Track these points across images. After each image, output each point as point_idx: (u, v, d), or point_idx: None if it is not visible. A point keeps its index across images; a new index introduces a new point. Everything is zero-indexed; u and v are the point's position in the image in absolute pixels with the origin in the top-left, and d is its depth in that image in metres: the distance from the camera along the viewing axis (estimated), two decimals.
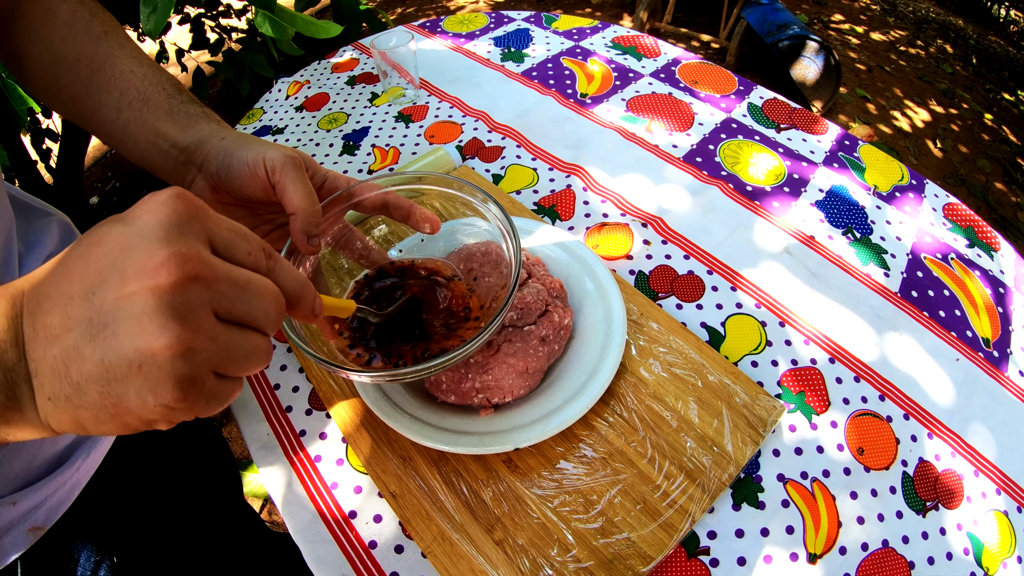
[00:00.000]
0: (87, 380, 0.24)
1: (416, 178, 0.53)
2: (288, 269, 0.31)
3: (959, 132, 2.65)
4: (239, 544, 0.74)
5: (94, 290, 0.24)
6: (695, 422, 0.53)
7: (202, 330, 0.24)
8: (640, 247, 0.71)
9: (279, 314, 0.28)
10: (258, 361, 0.27)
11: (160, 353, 0.23)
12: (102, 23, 0.48)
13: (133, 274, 0.24)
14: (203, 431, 0.74)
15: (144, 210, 0.26)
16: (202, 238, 0.26)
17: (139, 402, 0.24)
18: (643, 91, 0.96)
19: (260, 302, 0.27)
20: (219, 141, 0.45)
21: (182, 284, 0.24)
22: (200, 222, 0.26)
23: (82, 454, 0.47)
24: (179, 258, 0.24)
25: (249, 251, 0.28)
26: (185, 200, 0.26)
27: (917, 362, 0.62)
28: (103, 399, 0.24)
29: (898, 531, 0.51)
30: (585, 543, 0.47)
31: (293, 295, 0.31)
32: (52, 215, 0.50)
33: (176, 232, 0.25)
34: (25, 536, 0.43)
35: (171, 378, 0.24)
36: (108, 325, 0.23)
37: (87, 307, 0.24)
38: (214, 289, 0.25)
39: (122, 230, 0.25)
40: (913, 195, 0.81)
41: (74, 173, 1.76)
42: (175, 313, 0.23)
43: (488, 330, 0.43)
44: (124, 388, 0.24)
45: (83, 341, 0.23)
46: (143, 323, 0.23)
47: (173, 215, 0.25)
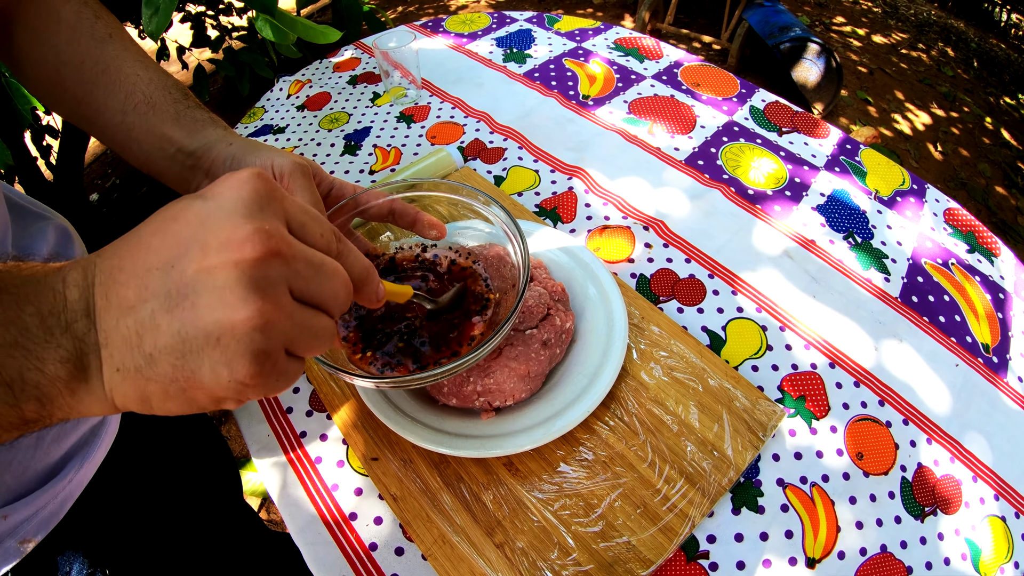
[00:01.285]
0: (161, 352, 0.24)
1: (423, 185, 0.53)
2: (356, 254, 0.31)
3: (960, 136, 2.65)
4: (238, 544, 0.74)
5: (173, 262, 0.24)
6: (696, 426, 0.53)
7: (280, 306, 0.25)
8: (641, 250, 0.71)
9: (348, 296, 0.29)
10: (326, 341, 0.28)
11: (240, 326, 0.23)
12: (106, 25, 0.48)
13: (216, 247, 0.24)
14: (201, 429, 0.74)
15: (225, 187, 0.26)
16: (280, 217, 0.27)
17: (213, 377, 0.24)
18: (645, 93, 0.96)
19: (331, 284, 0.28)
20: (227, 147, 0.45)
21: (264, 259, 0.24)
22: (279, 202, 0.27)
23: (75, 465, 0.46)
24: (262, 234, 0.24)
25: (322, 233, 0.29)
26: (265, 179, 0.27)
27: (917, 367, 0.62)
28: (176, 372, 0.24)
29: (896, 536, 0.51)
30: (585, 546, 0.47)
31: (359, 279, 0.31)
32: (49, 219, 0.49)
33: (258, 209, 0.25)
34: (16, 549, 0.42)
35: (248, 352, 0.24)
36: (187, 297, 0.24)
37: (165, 279, 0.24)
38: (292, 267, 0.26)
39: (202, 205, 0.25)
40: (914, 200, 0.81)
41: (74, 170, 1.76)
42: (257, 287, 0.24)
43: (499, 335, 0.43)
44: (199, 362, 0.24)
45: (160, 312, 0.24)
46: (225, 295, 0.23)
47: (254, 193, 0.26)
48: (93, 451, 0.48)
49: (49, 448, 0.44)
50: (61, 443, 0.45)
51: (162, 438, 0.63)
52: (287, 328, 0.25)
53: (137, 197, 2.30)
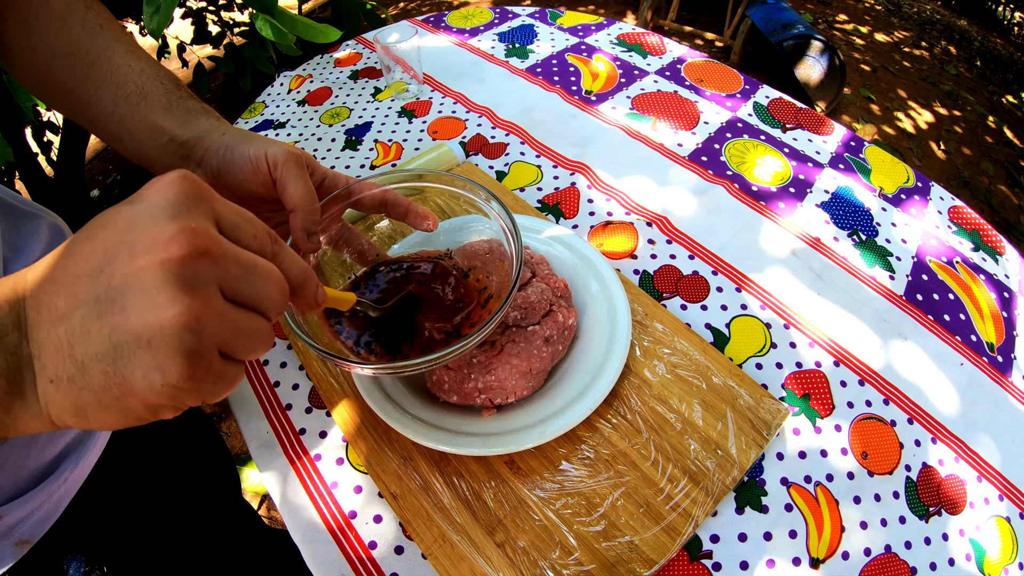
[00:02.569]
0: (92, 359, 0.23)
1: (417, 176, 0.53)
2: (292, 256, 0.31)
3: (963, 134, 2.64)
4: (237, 542, 0.74)
5: (102, 267, 0.24)
6: (699, 425, 0.52)
7: (211, 304, 0.24)
8: (645, 246, 0.71)
9: (283, 299, 0.28)
10: (262, 344, 0.27)
11: (169, 325, 0.23)
12: (97, 16, 0.47)
13: (143, 248, 0.24)
14: (199, 427, 0.73)
15: (151, 190, 0.26)
16: (209, 217, 0.26)
17: (145, 382, 0.23)
18: (648, 89, 0.95)
19: (265, 285, 0.27)
20: (220, 136, 0.45)
21: (192, 257, 0.24)
22: (207, 202, 0.26)
23: (70, 465, 0.46)
24: (189, 232, 0.24)
25: (255, 235, 0.28)
26: (191, 180, 0.26)
27: (922, 366, 0.62)
28: (108, 379, 0.23)
29: (901, 536, 0.51)
30: (587, 546, 0.46)
31: (296, 282, 0.31)
32: (42, 217, 0.48)
33: (184, 209, 0.25)
34: (12, 550, 0.42)
35: (179, 353, 0.23)
36: (116, 301, 0.23)
37: (94, 285, 0.23)
38: (221, 267, 0.25)
39: (129, 209, 0.25)
40: (918, 198, 0.81)
41: (75, 166, 1.75)
42: (185, 285, 0.23)
43: (487, 327, 0.42)
44: (131, 367, 0.23)
45: (90, 319, 0.23)
46: (153, 296, 0.23)
47: (180, 194, 0.25)
48: (88, 450, 0.48)
49: (43, 447, 0.43)
50: (56, 442, 0.45)
51: (158, 436, 0.63)
52: (218, 328, 0.25)
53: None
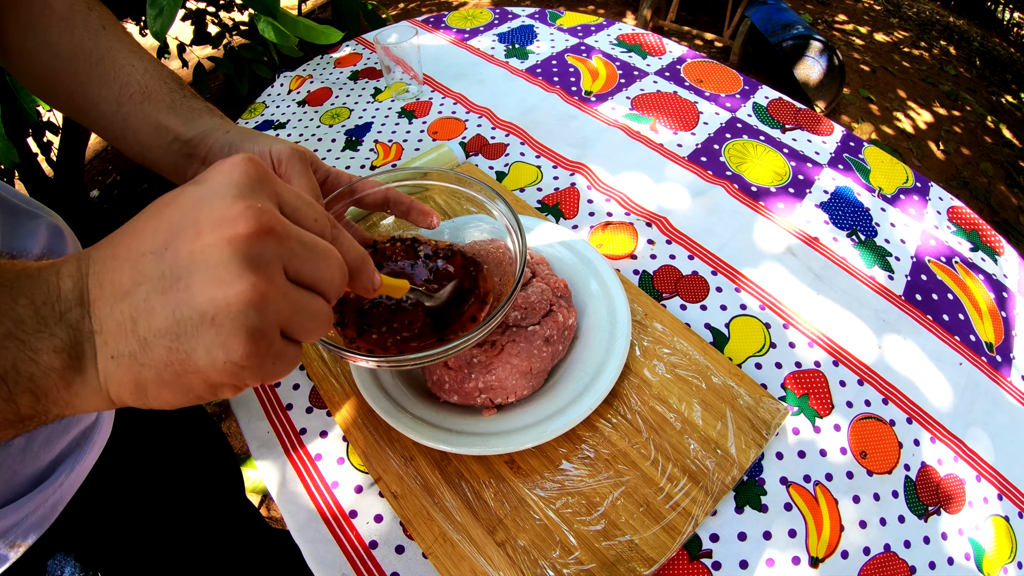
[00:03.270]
0: (155, 335, 0.23)
1: (421, 174, 0.53)
2: (351, 241, 0.31)
3: (962, 134, 2.64)
4: (238, 542, 0.74)
5: (167, 244, 0.24)
6: (699, 424, 0.53)
7: (275, 283, 0.24)
8: (644, 247, 0.71)
9: (343, 281, 0.29)
10: (322, 325, 0.27)
11: (235, 302, 0.23)
12: (99, 17, 0.48)
13: (209, 226, 0.24)
14: (201, 427, 0.73)
15: (216, 171, 0.26)
16: (273, 199, 0.26)
17: (208, 359, 0.24)
18: (648, 89, 0.95)
19: (326, 266, 0.27)
20: (224, 134, 0.45)
21: (257, 235, 0.24)
22: (271, 184, 0.27)
23: (66, 469, 0.45)
24: (254, 210, 0.24)
25: (315, 217, 0.28)
26: (256, 163, 0.27)
27: (920, 366, 0.62)
28: (170, 355, 0.24)
29: (900, 535, 0.51)
30: (587, 545, 0.47)
31: (355, 266, 0.31)
32: (41, 217, 0.48)
33: (249, 190, 0.25)
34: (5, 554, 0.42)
35: (243, 330, 0.23)
36: (181, 278, 0.23)
37: (159, 262, 0.24)
38: (285, 246, 0.25)
39: (195, 189, 0.25)
40: (917, 198, 0.81)
41: (75, 166, 1.75)
42: (250, 263, 0.24)
43: (489, 324, 0.43)
44: (194, 343, 0.23)
45: (154, 295, 0.23)
46: (219, 272, 0.23)
47: (245, 176, 0.26)
48: (85, 454, 0.47)
49: (39, 452, 0.43)
50: (51, 447, 0.44)
51: (158, 438, 0.63)
52: (282, 307, 0.25)
53: (138, 193, 2.29)
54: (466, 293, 0.50)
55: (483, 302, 0.49)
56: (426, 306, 0.48)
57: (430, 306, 0.47)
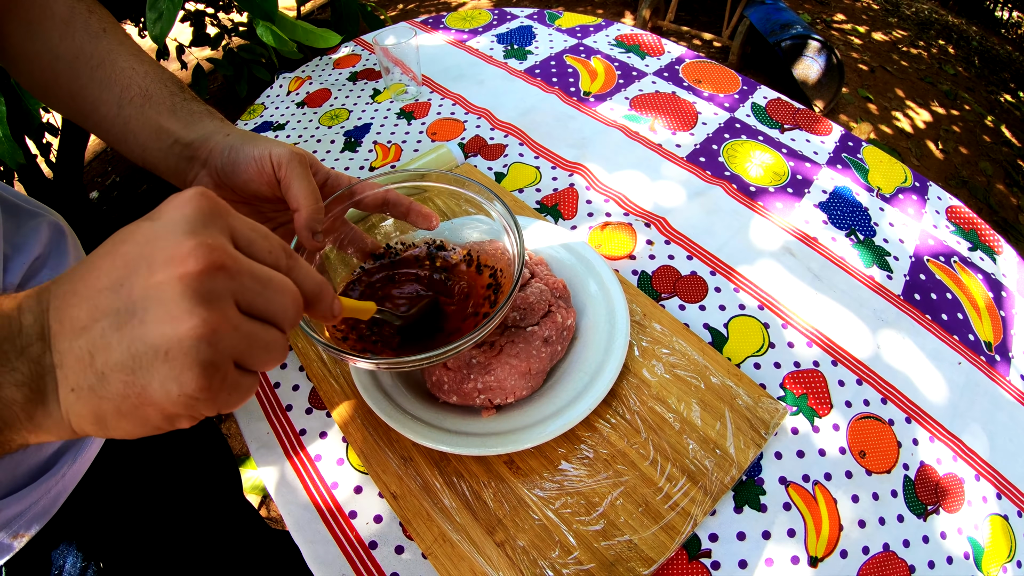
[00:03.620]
0: (112, 369, 0.24)
1: (420, 176, 0.53)
2: (307, 270, 0.31)
3: (961, 134, 2.64)
4: (237, 541, 0.74)
5: (122, 281, 0.25)
6: (697, 424, 0.53)
7: (226, 317, 0.25)
8: (643, 247, 0.71)
9: (297, 312, 0.29)
10: (276, 355, 0.28)
11: (186, 337, 0.24)
12: (100, 20, 0.48)
13: (161, 263, 0.24)
14: (201, 428, 0.73)
15: (169, 207, 0.27)
16: (226, 233, 0.27)
17: (163, 392, 0.24)
18: (646, 90, 0.95)
19: (280, 299, 0.28)
20: (224, 137, 0.45)
21: (208, 272, 0.25)
22: (223, 219, 0.27)
23: (68, 460, 0.46)
24: (205, 247, 0.25)
25: (270, 250, 0.29)
26: (208, 197, 0.27)
27: (919, 365, 0.62)
28: (127, 389, 0.24)
29: (899, 535, 0.51)
30: (586, 545, 0.47)
31: (312, 295, 0.31)
32: (43, 216, 0.49)
33: (201, 225, 0.26)
34: (8, 543, 0.42)
35: (196, 364, 0.24)
36: (136, 314, 0.24)
37: (115, 298, 0.24)
38: (238, 281, 0.26)
39: (149, 226, 0.26)
40: (916, 197, 0.81)
41: (74, 168, 1.76)
42: (201, 299, 0.24)
43: (488, 325, 0.43)
44: (149, 377, 0.24)
45: (110, 331, 0.24)
46: (171, 309, 0.24)
47: (197, 210, 0.26)
48: (87, 446, 0.48)
49: (42, 444, 0.44)
50: None
51: (158, 435, 0.63)
52: (234, 340, 0.25)
53: (137, 195, 2.29)
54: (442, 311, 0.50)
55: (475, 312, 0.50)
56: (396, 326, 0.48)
57: (398, 325, 0.48)
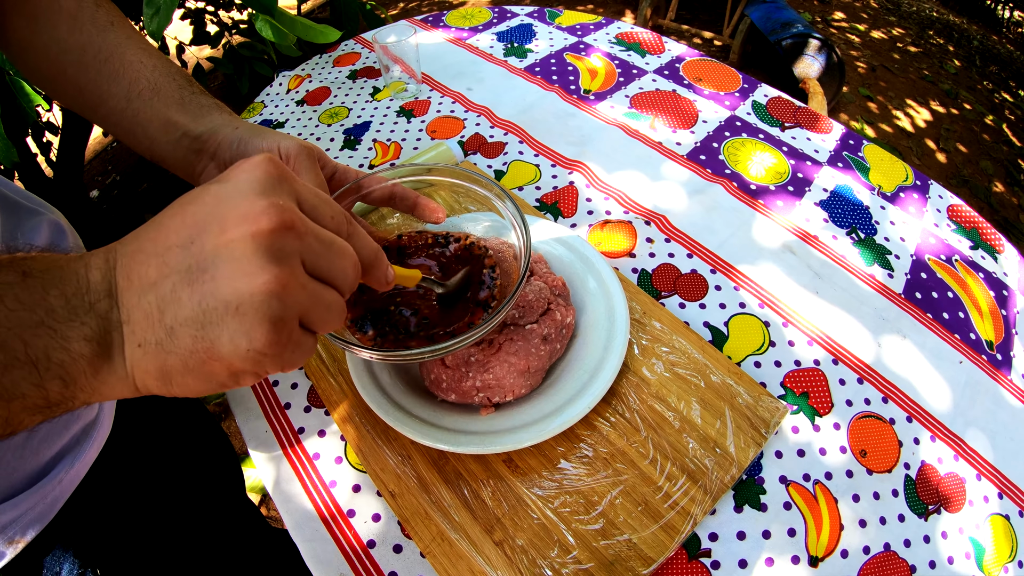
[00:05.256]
0: (182, 324, 0.25)
1: (425, 170, 0.53)
2: (365, 237, 0.32)
3: (961, 133, 2.64)
4: (238, 541, 0.74)
5: (193, 239, 0.25)
6: (697, 423, 0.52)
7: (295, 275, 0.26)
8: (643, 245, 0.71)
9: (356, 276, 0.30)
10: (336, 317, 0.29)
11: (258, 293, 0.24)
12: (107, 14, 0.48)
13: (233, 222, 0.25)
14: (202, 426, 0.73)
15: (239, 170, 0.28)
16: (292, 197, 0.28)
17: (232, 346, 0.25)
18: (647, 88, 0.95)
19: (341, 262, 0.29)
20: (232, 131, 0.46)
21: (279, 231, 0.25)
22: (290, 183, 0.28)
23: (65, 466, 0.45)
24: (276, 208, 0.26)
25: (332, 215, 0.30)
26: (276, 163, 0.28)
27: (920, 364, 0.62)
28: (196, 343, 0.25)
29: (900, 534, 0.51)
30: (585, 544, 0.46)
31: (368, 261, 0.32)
32: (43, 214, 0.49)
33: (271, 188, 0.27)
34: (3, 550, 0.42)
35: (266, 318, 0.25)
36: (207, 270, 0.25)
37: (185, 255, 0.25)
38: (304, 242, 0.27)
39: (219, 187, 0.27)
40: (917, 196, 0.81)
41: (74, 166, 1.75)
42: (273, 256, 0.25)
43: (492, 321, 0.43)
44: (218, 331, 0.25)
45: (181, 286, 0.25)
46: (243, 265, 0.25)
47: (267, 174, 0.27)
48: (84, 451, 0.48)
49: (39, 448, 0.43)
50: (51, 443, 0.44)
51: (158, 436, 0.63)
52: (301, 298, 0.26)
53: (137, 194, 2.29)
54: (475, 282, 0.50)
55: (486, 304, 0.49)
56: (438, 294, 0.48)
57: (441, 293, 0.48)
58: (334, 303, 0.28)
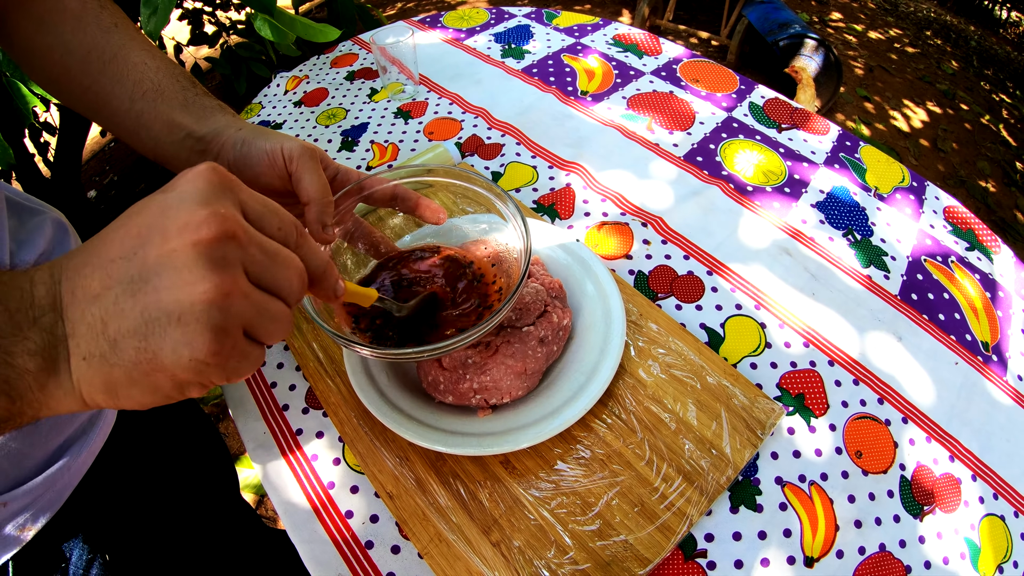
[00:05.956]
0: (124, 336, 0.25)
1: (425, 171, 0.54)
2: (315, 249, 0.32)
3: (959, 133, 2.65)
4: (235, 541, 0.74)
5: (135, 250, 0.25)
6: (693, 424, 0.53)
7: (237, 284, 0.26)
8: (640, 247, 0.71)
9: (302, 288, 0.30)
10: (282, 327, 0.29)
11: (199, 301, 0.24)
12: (111, 15, 0.48)
13: (175, 231, 0.25)
14: (199, 425, 0.73)
15: (182, 180, 0.27)
16: (237, 206, 0.28)
17: (174, 357, 0.25)
18: (644, 89, 0.95)
19: (286, 273, 0.29)
20: (236, 132, 0.46)
21: (221, 239, 0.25)
22: (234, 192, 0.28)
23: (73, 454, 0.46)
24: (219, 216, 0.26)
25: (279, 225, 0.30)
26: (219, 171, 0.28)
27: (916, 365, 0.62)
28: (139, 355, 0.25)
29: (895, 535, 0.51)
30: (582, 545, 0.47)
31: (317, 273, 0.32)
32: (46, 214, 0.50)
33: (214, 196, 0.27)
34: (15, 537, 0.43)
35: (208, 328, 0.25)
36: (149, 280, 0.25)
37: (128, 266, 0.25)
38: (247, 251, 0.27)
39: (162, 198, 0.27)
40: (913, 197, 0.81)
41: (72, 167, 1.75)
42: (214, 265, 0.25)
43: (491, 322, 0.43)
44: (161, 342, 0.25)
45: (124, 297, 0.25)
46: (184, 274, 0.24)
47: (209, 183, 0.27)
48: (91, 440, 0.49)
49: (47, 437, 0.44)
50: (59, 432, 0.45)
51: (159, 430, 0.63)
52: (244, 307, 0.26)
53: (135, 194, 2.29)
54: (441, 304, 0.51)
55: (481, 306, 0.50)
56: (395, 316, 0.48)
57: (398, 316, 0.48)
58: (279, 313, 0.28)
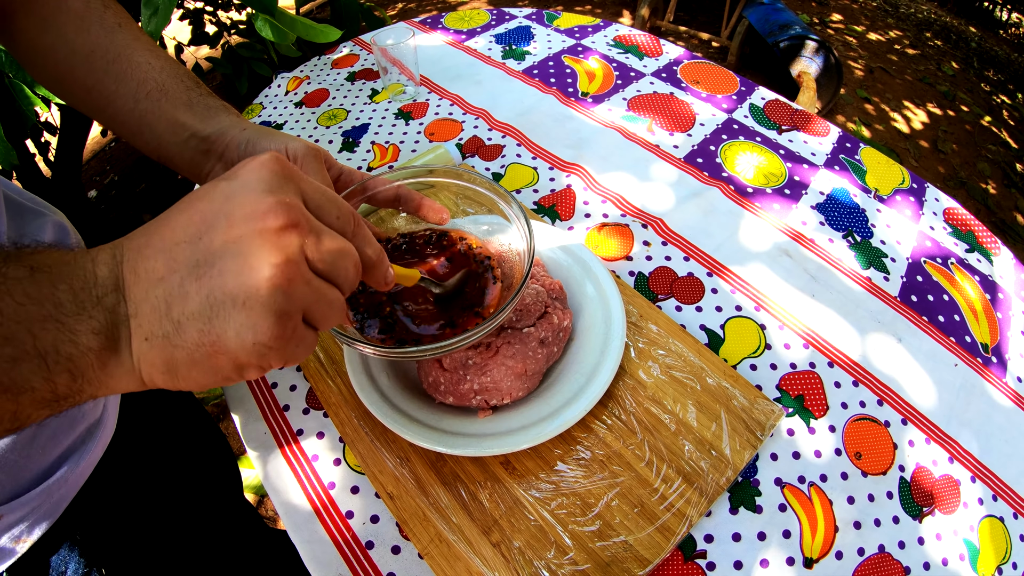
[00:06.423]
0: (188, 318, 0.25)
1: (427, 171, 0.54)
2: (369, 238, 0.33)
3: (959, 135, 2.65)
4: (236, 542, 0.74)
5: (200, 235, 0.26)
6: (693, 425, 0.53)
7: (300, 271, 0.27)
8: (640, 248, 0.71)
9: (357, 276, 0.31)
10: (337, 314, 0.30)
11: (264, 286, 0.25)
12: (115, 15, 0.49)
13: (240, 218, 0.26)
14: (200, 426, 0.73)
15: (246, 169, 0.28)
16: (298, 195, 0.29)
17: (238, 340, 0.25)
18: (644, 90, 0.95)
19: (343, 262, 0.29)
20: (240, 132, 0.46)
21: (285, 228, 0.26)
22: (296, 182, 0.29)
23: (70, 465, 0.46)
24: (284, 206, 0.27)
25: (338, 215, 0.30)
26: (283, 162, 0.29)
27: (916, 367, 0.62)
28: (202, 337, 0.26)
29: (894, 536, 0.51)
30: (582, 545, 0.47)
31: (370, 262, 0.33)
32: (47, 215, 0.50)
33: (277, 185, 0.28)
34: (11, 548, 0.42)
35: (271, 312, 0.25)
36: (215, 265, 0.25)
37: (193, 250, 0.26)
38: (309, 239, 0.27)
39: (226, 185, 0.27)
40: (913, 199, 0.81)
41: (72, 167, 1.75)
42: (279, 252, 0.26)
43: (493, 322, 0.43)
44: (225, 324, 0.25)
45: (188, 281, 0.25)
46: (250, 260, 0.25)
47: (273, 173, 0.28)
48: (89, 450, 0.48)
49: (45, 447, 0.43)
50: (57, 443, 0.45)
51: (160, 436, 0.63)
52: (305, 293, 0.27)
53: (135, 194, 2.29)
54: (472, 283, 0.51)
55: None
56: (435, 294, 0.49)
57: (438, 293, 0.48)
58: (335, 300, 0.29)
